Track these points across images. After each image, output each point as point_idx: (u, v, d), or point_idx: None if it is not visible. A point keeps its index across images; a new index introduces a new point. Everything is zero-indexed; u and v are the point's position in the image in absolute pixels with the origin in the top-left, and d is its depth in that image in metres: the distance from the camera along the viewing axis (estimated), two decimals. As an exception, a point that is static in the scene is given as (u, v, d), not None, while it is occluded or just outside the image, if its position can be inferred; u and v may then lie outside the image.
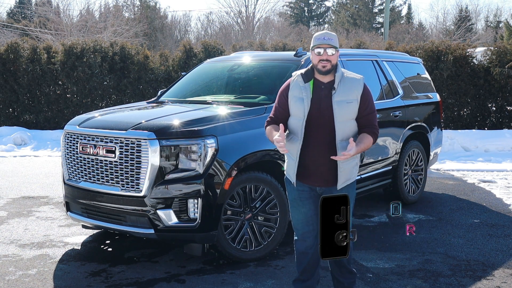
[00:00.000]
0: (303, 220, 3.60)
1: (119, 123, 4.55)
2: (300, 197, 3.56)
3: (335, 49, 3.40)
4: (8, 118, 13.92)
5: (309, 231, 3.61)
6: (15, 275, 4.37)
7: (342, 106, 3.39)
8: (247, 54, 6.30)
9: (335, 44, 3.41)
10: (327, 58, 3.38)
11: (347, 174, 3.46)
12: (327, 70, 3.40)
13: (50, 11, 30.51)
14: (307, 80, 3.45)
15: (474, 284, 4.20)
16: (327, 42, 3.38)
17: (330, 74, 3.43)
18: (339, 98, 3.39)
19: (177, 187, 4.25)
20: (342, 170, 3.42)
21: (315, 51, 3.41)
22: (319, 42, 3.40)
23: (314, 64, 3.44)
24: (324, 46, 3.38)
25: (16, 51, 13.57)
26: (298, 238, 3.68)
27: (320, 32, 3.48)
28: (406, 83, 6.76)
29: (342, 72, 3.47)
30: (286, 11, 51.72)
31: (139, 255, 4.85)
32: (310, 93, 3.43)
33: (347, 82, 3.44)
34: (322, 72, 3.41)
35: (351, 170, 3.48)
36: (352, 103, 3.41)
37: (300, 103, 3.43)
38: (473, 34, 36.86)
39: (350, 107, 3.41)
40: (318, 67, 3.41)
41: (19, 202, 6.87)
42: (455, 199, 7.01)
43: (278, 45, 14.43)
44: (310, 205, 3.56)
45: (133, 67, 13.53)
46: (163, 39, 35.18)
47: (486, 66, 12.47)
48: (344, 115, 3.39)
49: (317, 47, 3.40)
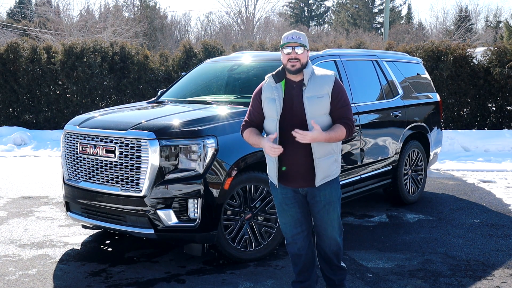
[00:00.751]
0: (290, 223, 3.60)
1: (119, 123, 4.55)
2: (285, 201, 3.56)
3: (304, 47, 3.37)
4: (8, 118, 13.93)
5: (298, 233, 3.61)
6: (15, 275, 4.37)
7: (313, 101, 3.35)
8: (247, 54, 6.29)
9: (304, 43, 3.38)
10: (295, 57, 3.36)
11: (325, 171, 3.41)
12: (297, 69, 3.38)
13: (50, 11, 30.52)
14: (278, 80, 3.45)
15: (474, 284, 4.20)
16: (295, 40, 3.36)
17: (301, 73, 3.41)
18: (310, 94, 3.37)
19: (177, 187, 4.25)
20: (318, 166, 3.38)
21: (284, 51, 3.39)
22: (287, 41, 3.38)
23: (284, 64, 3.42)
24: (292, 44, 3.36)
25: (16, 51, 13.57)
26: (288, 241, 3.69)
27: (288, 32, 3.46)
28: (406, 83, 6.76)
29: (312, 69, 3.45)
30: (286, 11, 51.73)
31: (139, 255, 4.85)
32: (282, 93, 3.42)
33: (317, 78, 3.41)
34: (292, 72, 3.39)
35: (329, 167, 3.44)
36: (323, 98, 3.37)
37: (272, 104, 3.42)
38: (473, 34, 36.85)
39: (321, 102, 3.36)
40: (287, 66, 3.40)
41: (19, 202, 6.87)
42: (455, 199, 7.01)
43: (278, 45, 14.41)
44: (296, 208, 3.56)
45: (133, 67, 13.54)
46: (163, 39, 35.18)
47: (486, 66, 12.47)
48: (315, 110, 3.35)
49: (286, 46, 3.38)
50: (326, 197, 3.48)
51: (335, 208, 3.54)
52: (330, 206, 3.50)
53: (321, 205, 3.49)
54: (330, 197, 3.49)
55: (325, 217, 3.52)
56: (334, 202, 3.52)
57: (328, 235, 3.58)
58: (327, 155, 3.41)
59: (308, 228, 3.65)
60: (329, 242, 3.61)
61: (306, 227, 3.63)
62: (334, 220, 3.55)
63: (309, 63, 3.45)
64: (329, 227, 3.55)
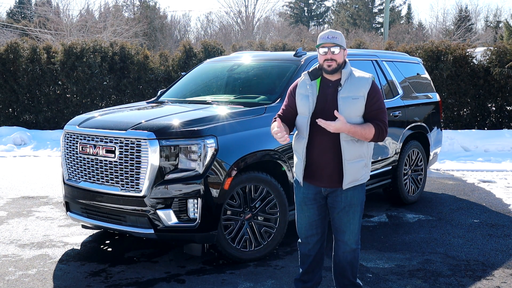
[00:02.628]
0: (306, 224, 3.58)
1: (119, 123, 4.55)
2: (305, 201, 3.54)
3: (340, 47, 3.35)
4: (8, 118, 13.92)
5: (312, 235, 3.59)
6: (15, 275, 4.37)
7: (347, 102, 3.32)
8: (247, 54, 6.29)
9: (340, 43, 3.35)
10: (331, 57, 3.34)
11: (354, 174, 3.37)
12: (333, 69, 3.36)
13: (50, 11, 30.50)
14: (313, 78, 3.43)
15: (474, 284, 4.20)
16: (331, 41, 3.34)
17: (338, 72, 3.39)
18: (345, 94, 3.34)
19: (177, 187, 4.25)
20: (348, 169, 3.34)
21: (320, 51, 3.38)
22: (323, 41, 3.36)
23: (320, 64, 3.41)
24: (328, 45, 3.35)
25: (15, 51, 13.56)
26: (301, 241, 3.67)
27: (325, 31, 3.44)
28: (406, 83, 6.76)
29: (350, 70, 3.42)
30: (286, 11, 51.75)
31: (139, 255, 4.85)
32: (316, 91, 3.40)
33: (354, 80, 3.38)
34: (328, 72, 3.37)
35: (359, 171, 3.39)
36: (358, 99, 3.32)
37: (305, 100, 3.40)
38: (473, 34, 36.86)
39: (356, 104, 3.32)
40: (324, 66, 3.38)
41: (19, 202, 6.87)
42: (455, 199, 7.01)
43: (278, 45, 14.43)
44: (314, 210, 3.53)
45: (133, 67, 13.53)
46: (163, 39, 35.18)
47: (486, 66, 12.47)
48: (349, 111, 3.31)
49: (322, 46, 3.36)
50: (348, 199, 3.42)
51: (356, 211, 3.45)
52: (351, 209, 3.43)
53: (342, 206, 3.43)
54: (352, 199, 3.42)
55: (344, 219, 3.45)
56: (356, 205, 3.44)
57: (345, 240, 3.49)
58: (357, 159, 3.37)
59: (322, 232, 3.61)
60: (344, 248, 3.51)
61: (321, 230, 3.59)
62: (353, 224, 3.45)
63: (347, 64, 3.42)
64: (347, 230, 3.46)
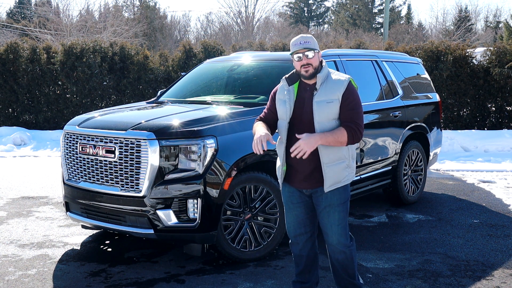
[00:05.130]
0: (294, 222, 3.58)
1: (119, 123, 4.55)
2: (291, 200, 3.54)
3: (314, 51, 3.34)
4: (8, 118, 13.93)
5: (301, 233, 3.59)
6: (15, 275, 4.37)
7: (322, 106, 3.31)
8: (247, 54, 6.29)
9: (313, 46, 3.34)
10: (307, 62, 3.33)
11: (334, 177, 3.36)
12: (311, 74, 3.35)
13: (50, 11, 30.51)
14: (291, 83, 3.45)
15: (474, 284, 4.20)
16: (304, 45, 3.33)
17: (315, 77, 3.38)
18: (320, 98, 3.33)
19: (177, 187, 4.25)
20: (327, 172, 3.33)
21: (295, 57, 3.37)
22: (296, 47, 3.35)
23: (298, 70, 3.40)
24: (302, 51, 3.33)
25: (15, 51, 13.56)
26: (291, 241, 3.68)
27: (295, 37, 3.41)
28: (406, 83, 6.76)
29: (327, 72, 3.40)
30: (286, 11, 51.76)
31: (138, 255, 4.85)
32: (293, 96, 3.42)
33: (331, 83, 3.36)
34: (306, 77, 3.37)
35: (340, 172, 3.38)
36: (333, 103, 3.31)
37: (283, 106, 3.43)
38: (473, 34, 36.85)
39: (330, 107, 3.31)
40: (301, 72, 3.37)
41: (19, 202, 6.87)
42: (454, 199, 7.01)
43: (278, 46, 14.43)
44: (301, 209, 3.54)
45: (132, 67, 13.54)
46: (163, 39, 35.18)
47: (486, 67, 12.47)
48: (323, 115, 3.31)
49: (296, 53, 3.36)
50: (328, 199, 3.41)
51: (336, 212, 3.43)
52: (331, 209, 3.42)
53: (322, 206, 3.44)
54: (332, 199, 3.41)
55: (325, 220, 3.46)
56: (336, 205, 3.42)
57: (329, 242, 3.50)
58: (337, 161, 3.36)
59: (312, 231, 3.61)
60: (331, 250, 3.53)
61: (310, 229, 3.59)
62: (335, 225, 3.44)
63: (324, 67, 3.41)
64: (329, 232, 3.46)
